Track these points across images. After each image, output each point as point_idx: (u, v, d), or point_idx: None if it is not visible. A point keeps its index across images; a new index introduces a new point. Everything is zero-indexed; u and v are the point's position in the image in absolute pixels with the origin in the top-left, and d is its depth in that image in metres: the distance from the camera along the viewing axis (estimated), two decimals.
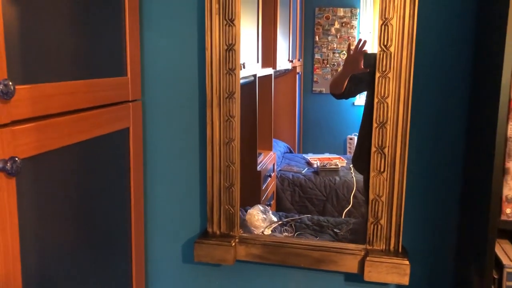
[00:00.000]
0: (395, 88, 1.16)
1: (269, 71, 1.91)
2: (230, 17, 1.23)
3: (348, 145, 2.09)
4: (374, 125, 1.18)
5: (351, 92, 1.61)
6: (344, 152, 2.08)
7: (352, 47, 1.46)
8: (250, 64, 1.59)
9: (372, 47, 1.49)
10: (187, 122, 1.36)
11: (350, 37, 2.00)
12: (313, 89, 2.12)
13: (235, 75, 1.25)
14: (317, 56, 2.09)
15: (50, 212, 0.98)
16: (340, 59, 2.03)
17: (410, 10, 1.13)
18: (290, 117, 2.17)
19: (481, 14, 1.14)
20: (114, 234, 1.24)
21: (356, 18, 2.03)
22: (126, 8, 1.23)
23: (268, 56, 1.87)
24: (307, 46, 2.07)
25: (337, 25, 2.06)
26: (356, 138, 1.91)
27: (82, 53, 1.08)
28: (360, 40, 1.47)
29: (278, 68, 1.96)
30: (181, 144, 1.37)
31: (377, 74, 1.17)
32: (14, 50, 0.84)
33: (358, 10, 2.02)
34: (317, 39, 2.07)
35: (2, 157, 0.81)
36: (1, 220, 0.82)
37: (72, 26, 1.04)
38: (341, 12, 2.04)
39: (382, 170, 1.19)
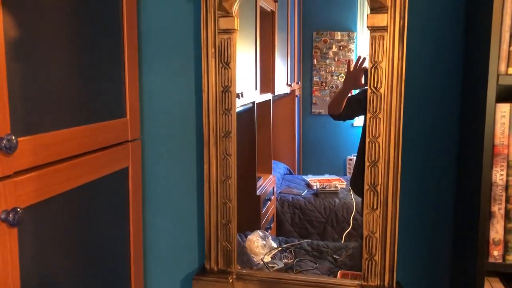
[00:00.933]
0: (385, 128, 1.19)
1: (267, 96, 1.94)
2: (226, 60, 1.27)
3: (348, 165, 2.11)
4: (366, 163, 1.21)
5: (349, 114, 1.63)
6: (344, 173, 2.09)
7: (352, 64, 1.49)
8: (248, 92, 1.62)
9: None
10: (185, 160, 1.40)
11: (348, 60, 2.03)
12: (312, 110, 2.14)
13: (231, 115, 1.29)
14: (315, 78, 2.11)
15: (51, 256, 1.01)
16: (338, 81, 2.06)
17: (398, 53, 1.17)
18: (290, 138, 2.19)
19: (467, 57, 1.18)
20: (114, 272, 1.27)
21: (354, 42, 2.06)
22: (125, 52, 1.27)
23: (267, 81, 1.90)
24: (306, 69, 2.09)
25: (334, 49, 2.09)
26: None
27: (83, 99, 1.11)
28: (359, 57, 1.50)
29: (276, 93, 1.99)
30: (179, 182, 1.41)
31: (368, 115, 1.20)
32: (16, 102, 0.87)
33: (355, 34, 2.05)
34: (315, 62, 2.10)
35: (4, 208, 0.84)
36: (3, 270, 0.84)
37: (72, 73, 1.07)
38: (338, 35, 2.07)
39: (375, 207, 1.22)
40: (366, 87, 1.20)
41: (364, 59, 1.46)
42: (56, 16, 1.01)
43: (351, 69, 1.51)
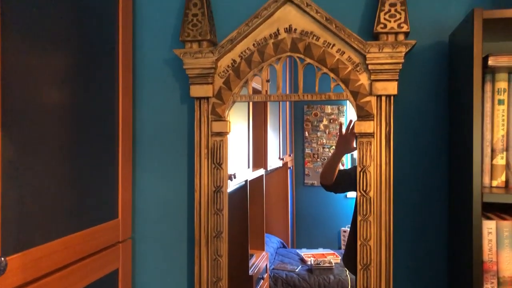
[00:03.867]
0: (376, 231, 1.20)
1: (260, 172, 1.95)
2: (218, 161, 1.30)
3: (342, 237, 2.08)
4: (359, 266, 1.21)
5: (340, 188, 1.64)
6: (338, 245, 2.06)
7: (344, 128, 1.51)
8: (241, 171, 1.63)
9: None
10: (175, 260, 1.39)
11: (338, 134, 2.06)
12: (305, 181, 2.14)
13: (222, 215, 1.30)
14: (307, 150, 2.13)
15: None
16: (330, 153, 2.08)
17: (386, 158, 1.20)
18: (283, 210, 2.17)
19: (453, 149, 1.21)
20: None
21: (343, 115, 2.10)
22: (119, 152, 1.29)
23: (259, 157, 1.90)
24: (297, 141, 2.11)
25: (325, 122, 2.12)
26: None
27: (75, 207, 1.11)
28: (351, 121, 1.48)
29: (269, 168, 2.00)
30: (169, 282, 1.39)
31: (359, 218, 1.21)
32: (9, 223, 0.87)
33: (345, 107, 2.09)
34: (306, 134, 2.12)
35: None
36: None
37: (66, 183, 1.07)
38: (328, 109, 2.11)
39: None
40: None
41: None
42: (50, 130, 1.03)
43: (343, 133, 1.53)
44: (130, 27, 1.36)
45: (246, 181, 1.75)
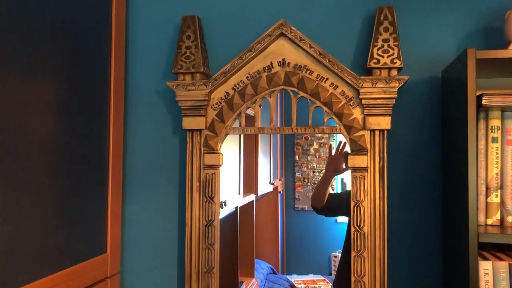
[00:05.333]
0: (371, 267, 1.18)
1: (251, 197, 1.92)
2: (210, 195, 1.27)
3: (332, 263, 2.07)
4: None
5: (331, 211, 1.62)
6: (329, 271, 2.04)
7: (333, 149, 1.50)
8: (231, 198, 1.61)
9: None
10: None
11: (329, 145, 2.05)
12: (295, 206, 2.13)
13: (214, 250, 1.27)
14: (297, 174, 2.12)
15: None
16: (320, 177, 2.07)
17: (379, 193, 1.19)
18: (273, 235, 2.15)
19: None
20: None
21: (333, 139, 2.10)
22: (109, 185, 1.26)
23: (250, 183, 1.88)
24: (288, 165, 2.11)
25: (315, 146, 2.12)
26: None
27: (62, 244, 1.08)
28: (340, 142, 1.51)
29: (260, 194, 1.98)
30: None
31: (353, 253, 1.19)
32: None
33: None
34: (297, 158, 2.12)
35: None
36: None
37: (53, 220, 1.04)
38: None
39: None
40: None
41: (345, 143, 1.45)
42: (37, 163, 1.00)
43: (333, 154, 1.52)
44: (123, 57, 1.35)
45: (236, 207, 1.73)
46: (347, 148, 1.24)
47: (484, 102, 0.99)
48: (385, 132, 1.19)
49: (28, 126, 0.96)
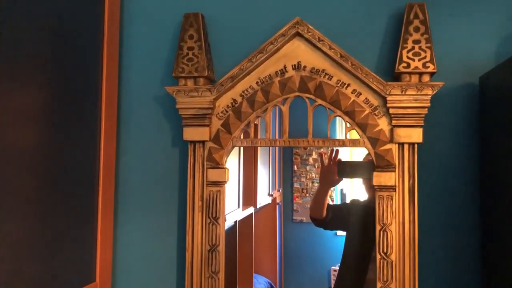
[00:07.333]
0: None
1: (249, 210, 1.85)
2: (214, 216, 1.15)
3: (332, 277, 2.00)
4: None
5: (330, 225, 1.54)
6: (328, 285, 1.98)
7: (326, 158, 1.40)
8: (230, 212, 1.51)
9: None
10: None
11: (320, 153, 2.00)
12: (294, 218, 2.08)
13: (218, 279, 1.13)
14: (296, 185, 2.07)
15: None
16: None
17: (409, 215, 1.07)
18: (271, 248, 2.09)
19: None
20: None
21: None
22: (99, 206, 1.16)
23: (249, 195, 1.79)
24: (286, 175, 2.05)
25: (314, 155, 2.06)
26: None
27: (47, 272, 0.98)
28: (332, 150, 1.39)
29: (258, 206, 1.91)
30: None
31: (378, 285, 1.06)
32: None
33: None
34: (295, 168, 2.06)
35: None
36: None
37: (36, 245, 0.95)
38: None
39: None
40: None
41: (338, 151, 1.35)
42: (19, 181, 0.90)
43: (325, 163, 1.41)
44: (116, 60, 1.25)
45: (235, 221, 1.65)
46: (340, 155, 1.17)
47: None
48: (416, 145, 1.07)
49: (6, 136, 0.85)
